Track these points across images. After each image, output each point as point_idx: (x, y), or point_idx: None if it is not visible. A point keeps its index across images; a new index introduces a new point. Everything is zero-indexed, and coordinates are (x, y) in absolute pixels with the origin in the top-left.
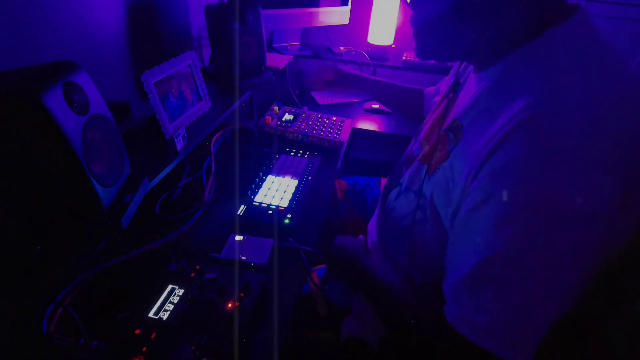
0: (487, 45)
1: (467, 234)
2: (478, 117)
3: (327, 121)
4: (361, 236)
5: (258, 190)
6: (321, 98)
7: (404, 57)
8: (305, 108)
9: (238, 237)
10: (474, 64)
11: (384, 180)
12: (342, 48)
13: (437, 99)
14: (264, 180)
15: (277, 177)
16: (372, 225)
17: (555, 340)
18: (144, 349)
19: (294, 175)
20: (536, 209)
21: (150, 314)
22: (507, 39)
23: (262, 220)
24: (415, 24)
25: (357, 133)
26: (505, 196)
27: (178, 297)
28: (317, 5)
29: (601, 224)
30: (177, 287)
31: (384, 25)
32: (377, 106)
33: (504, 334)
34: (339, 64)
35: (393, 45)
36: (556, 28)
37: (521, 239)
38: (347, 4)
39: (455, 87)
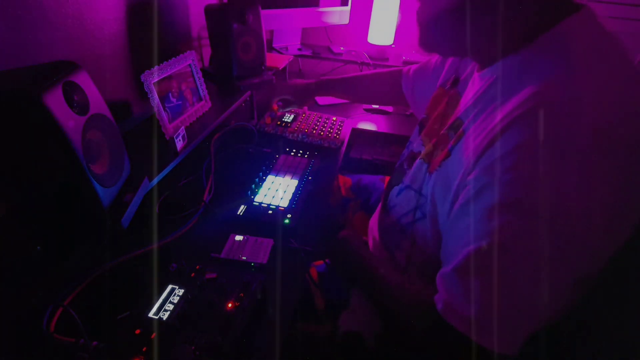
0: (494, 41)
1: (460, 226)
2: (479, 114)
3: (327, 121)
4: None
5: (258, 190)
6: (321, 98)
7: (403, 58)
8: (305, 108)
9: (238, 237)
10: (478, 61)
11: (387, 179)
12: (342, 48)
13: (437, 82)
14: (264, 180)
15: (277, 177)
16: (374, 221)
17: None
18: (144, 349)
19: (294, 175)
20: (527, 198)
21: (150, 314)
22: (514, 36)
23: (262, 220)
24: (423, 17)
25: (357, 133)
26: (498, 186)
27: (178, 297)
28: (317, 5)
29: (596, 213)
30: (177, 287)
31: (384, 25)
32: (377, 106)
33: (490, 324)
34: (292, 80)
35: (393, 45)
36: (560, 25)
37: (511, 228)
38: (347, 4)
39: (456, 83)
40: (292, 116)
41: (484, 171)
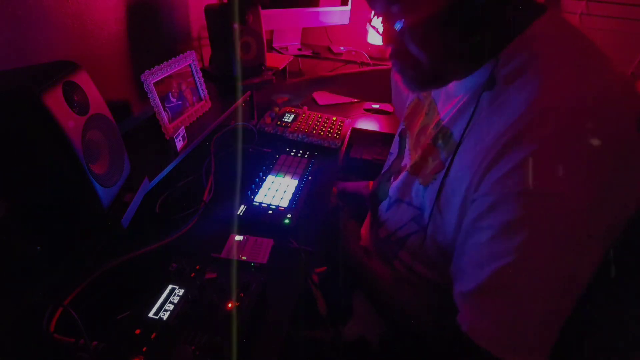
0: (471, 55)
1: (476, 243)
2: (472, 125)
3: (327, 121)
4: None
5: (258, 190)
6: (321, 98)
7: None
8: (305, 108)
9: (238, 237)
10: (457, 71)
11: (371, 184)
12: (342, 48)
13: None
14: (264, 180)
15: (277, 177)
16: (365, 232)
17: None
18: (144, 349)
19: (294, 175)
20: (545, 210)
21: (150, 314)
22: (488, 45)
23: (262, 220)
24: (400, 57)
25: (357, 133)
26: (512, 201)
27: (178, 297)
28: (317, 5)
29: (609, 214)
30: (177, 287)
31: None
32: (377, 106)
33: (520, 341)
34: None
35: None
36: (530, 27)
37: (534, 242)
38: (347, 4)
39: (492, 84)
40: (292, 116)
41: (494, 186)
